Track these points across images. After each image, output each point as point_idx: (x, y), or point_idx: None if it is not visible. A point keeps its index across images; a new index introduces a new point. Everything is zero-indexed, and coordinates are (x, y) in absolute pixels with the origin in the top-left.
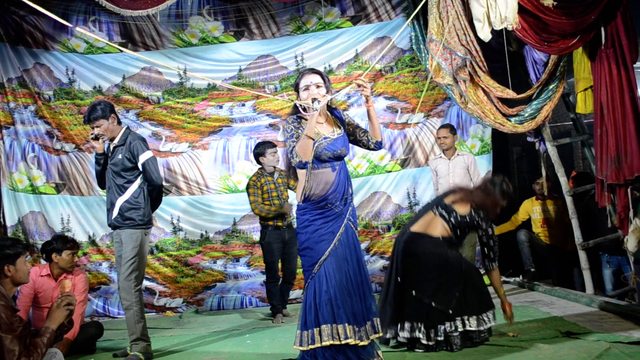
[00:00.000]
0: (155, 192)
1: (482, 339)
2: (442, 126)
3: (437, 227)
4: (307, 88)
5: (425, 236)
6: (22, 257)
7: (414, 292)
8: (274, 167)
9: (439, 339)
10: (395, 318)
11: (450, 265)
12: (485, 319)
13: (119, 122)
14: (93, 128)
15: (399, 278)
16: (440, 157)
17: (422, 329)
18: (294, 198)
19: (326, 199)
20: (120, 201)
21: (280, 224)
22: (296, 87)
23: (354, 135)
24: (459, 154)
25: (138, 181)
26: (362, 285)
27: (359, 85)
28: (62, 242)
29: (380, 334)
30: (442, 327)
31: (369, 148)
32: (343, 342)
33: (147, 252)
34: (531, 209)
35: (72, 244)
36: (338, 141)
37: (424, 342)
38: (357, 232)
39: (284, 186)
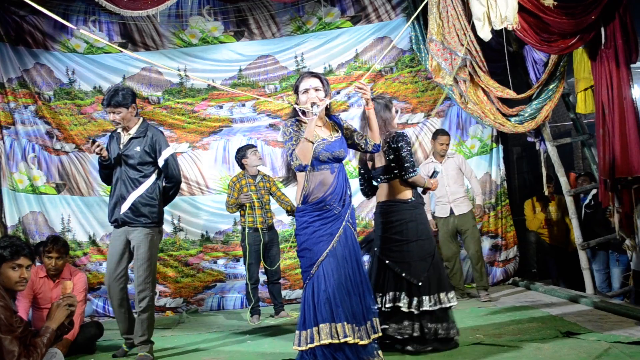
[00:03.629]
0: (174, 189)
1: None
2: (444, 133)
3: (401, 190)
4: (306, 91)
5: (397, 202)
6: (9, 263)
7: (387, 261)
8: (258, 171)
9: (422, 309)
10: (378, 289)
11: (425, 235)
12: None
13: (137, 113)
14: (109, 113)
15: (376, 249)
16: (432, 161)
17: (404, 297)
18: (273, 202)
19: (324, 200)
20: (134, 195)
21: (260, 226)
22: (295, 90)
23: (351, 139)
24: (448, 156)
25: (154, 176)
26: (361, 285)
27: (359, 88)
28: (43, 245)
29: (380, 334)
30: (423, 299)
31: (366, 151)
32: (342, 341)
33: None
34: (532, 210)
35: (51, 247)
36: (336, 143)
37: (405, 309)
38: (356, 234)
39: (265, 190)
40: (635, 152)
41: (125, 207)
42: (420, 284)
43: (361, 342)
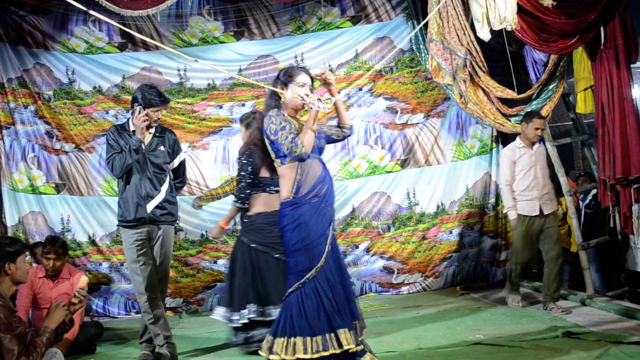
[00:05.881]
0: (181, 189)
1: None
2: (540, 116)
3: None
4: (303, 85)
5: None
6: (22, 255)
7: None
8: None
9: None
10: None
11: None
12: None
13: None
14: (156, 112)
15: (276, 255)
16: (522, 146)
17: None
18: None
19: (316, 190)
20: (161, 195)
21: None
22: (288, 79)
23: (325, 133)
24: (538, 143)
25: (169, 175)
26: (348, 287)
27: (320, 74)
28: (41, 246)
29: (363, 337)
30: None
31: (344, 136)
32: (345, 349)
33: None
34: None
35: (49, 248)
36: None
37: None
38: (334, 233)
39: None
40: (635, 152)
41: (152, 205)
42: None
43: (356, 348)
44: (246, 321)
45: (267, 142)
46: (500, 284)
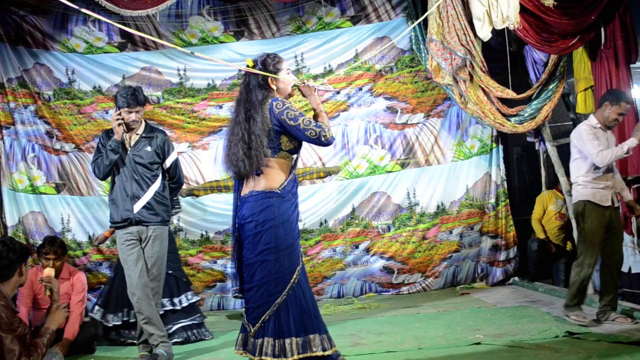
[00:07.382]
0: (177, 190)
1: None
2: (627, 99)
3: None
4: (289, 72)
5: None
6: (26, 261)
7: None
8: None
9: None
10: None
11: None
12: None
13: None
14: (130, 113)
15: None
16: (599, 127)
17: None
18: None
19: (295, 187)
20: (148, 195)
21: None
22: (277, 64)
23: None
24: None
25: (161, 176)
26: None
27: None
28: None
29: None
30: None
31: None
32: (333, 350)
33: None
34: (549, 201)
35: (48, 249)
36: None
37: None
38: None
39: None
40: (634, 152)
41: (139, 205)
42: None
43: (332, 350)
44: (119, 322)
45: (270, 129)
46: (500, 284)
